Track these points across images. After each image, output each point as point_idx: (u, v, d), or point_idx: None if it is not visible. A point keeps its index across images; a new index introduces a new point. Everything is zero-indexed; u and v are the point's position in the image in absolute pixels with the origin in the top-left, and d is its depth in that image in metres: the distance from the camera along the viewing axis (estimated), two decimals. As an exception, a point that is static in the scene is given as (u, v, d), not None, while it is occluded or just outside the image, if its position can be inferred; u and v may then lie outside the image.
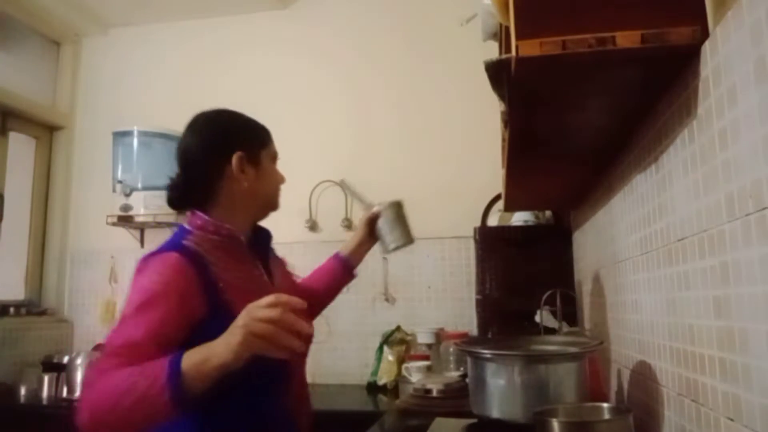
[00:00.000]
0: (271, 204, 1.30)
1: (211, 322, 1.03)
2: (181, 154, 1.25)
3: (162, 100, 3.17)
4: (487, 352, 1.26)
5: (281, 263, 1.40)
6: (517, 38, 0.82)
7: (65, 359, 2.59)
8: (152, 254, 1.12)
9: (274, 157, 1.31)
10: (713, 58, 0.75)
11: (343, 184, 1.61)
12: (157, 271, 1.07)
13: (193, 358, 0.91)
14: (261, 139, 1.28)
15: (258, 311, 0.91)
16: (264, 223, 1.35)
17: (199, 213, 1.21)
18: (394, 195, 2.89)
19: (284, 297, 0.92)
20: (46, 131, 3.24)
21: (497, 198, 2.61)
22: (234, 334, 0.91)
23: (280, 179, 1.31)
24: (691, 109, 0.84)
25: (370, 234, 1.61)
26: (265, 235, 1.33)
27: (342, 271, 1.59)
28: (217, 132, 1.24)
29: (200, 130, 1.24)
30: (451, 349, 2.42)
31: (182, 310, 1.03)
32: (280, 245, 1.48)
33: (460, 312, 2.73)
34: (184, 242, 1.14)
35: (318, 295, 1.52)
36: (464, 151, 2.82)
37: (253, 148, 1.25)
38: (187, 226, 1.20)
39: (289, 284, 1.39)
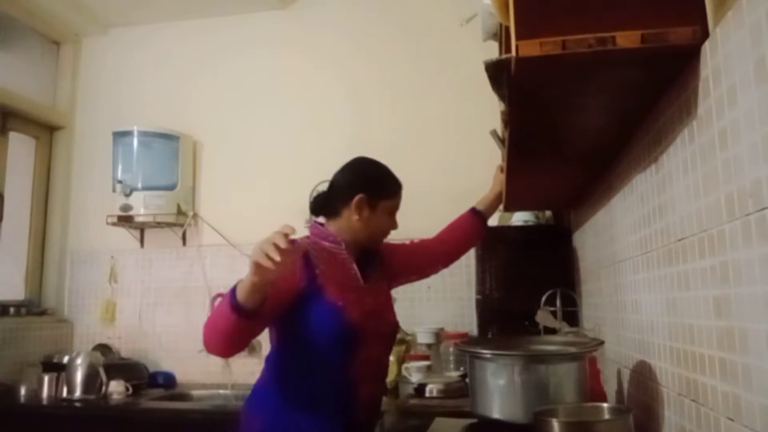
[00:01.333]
0: (372, 241, 1.61)
1: (306, 296, 1.42)
2: (333, 179, 1.63)
3: (162, 100, 3.17)
4: (487, 352, 1.26)
5: (382, 272, 1.68)
6: (517, 38, 0.82)
7: (65, 359, 2.58)
8: None
9: (392, 209, 1.61)
10: (713, 58, 0.75)
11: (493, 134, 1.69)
12: None
13: (240, 284, 1.22)
14: (388, 191, 1.60)
15: (260, 242, 1.16)
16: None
17: (317, 222, 1.60)
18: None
19: (277, 236, 1.15)
20: (46, 131, 3.24)
21: (497, 198, 2.60)
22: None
23: (389, 226, 1.62)
24: (691, 109, 0.84)
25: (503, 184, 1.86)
26: (370, 257, 1.63)
27: (476, 224, 1.93)
28: (358, 173, 1.62)
29: (354, 168, 1.64)
30: (451, 349, 2.42)
31: (288, 282, 1.37)
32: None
33: (460, 312, 2.73)
34: (298, 240, 1.41)
35: (447, 248, 1.90)
36: (464, 151, 2.82)
37: (377, 196, 1.57)
38: (308, 234, 1.59)
39: (383, 289, 1.68)
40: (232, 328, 1.24)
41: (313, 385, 1.45)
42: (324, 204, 1.61)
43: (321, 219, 1.61)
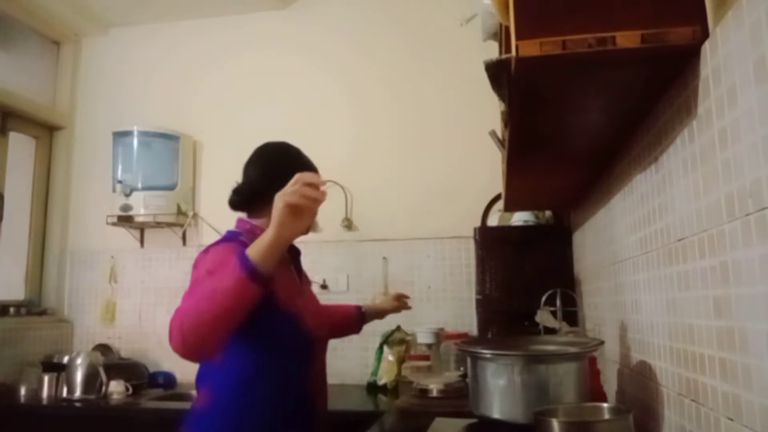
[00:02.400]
0: (300, 234, 1.49)
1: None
2: (245, 170, 1.51)
3: (162, 100, 3.17)
4: (487, 352, 1.26)
5: (305, 274, 1.61)
6: (517, 38, 0.82)
7: (65, 359, 2.59)
8: (212, 245, 1.36)
9: None
10: (713, 58, 0.75)
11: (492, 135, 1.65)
12: (220, 251, 1.30)
13: (252, 247, 1.13)
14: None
15: (285, 189, 1.13)
16: None
17: (247, 219, 1.48)
18: (393, 194, 2.91)
19: (300, 174, 1.13)
20: (46, 131, 3.24)
21: (497, 198, 2.61)
22: (274, 215, 1.13)
23: (314, 214, 1.48)
24: (691, 109, 0.83)
25: (394, 311, 1.93)
26: (295, 251, 1.55)
27: (354, 322, 1.83)
28: (268, 169, 1.48)
29: (260, 160, 1.52)
30: (452, 349, 2.42)
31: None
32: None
33: (460, 312, 2.73)
34: (239, 238, 1.38)
35: (330, 323, 1.70)
36: (464, 151, 2.82)
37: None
38: (235, 229, 1.46)
39: (309, 289, 1.61)
40: (238, 300, 1.09)
41: (270, 405, 1.32)
42: (243, 201, 1.48)
43: (242, 215, 1.51)
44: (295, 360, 1.36)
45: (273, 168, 1.46)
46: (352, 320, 1.81)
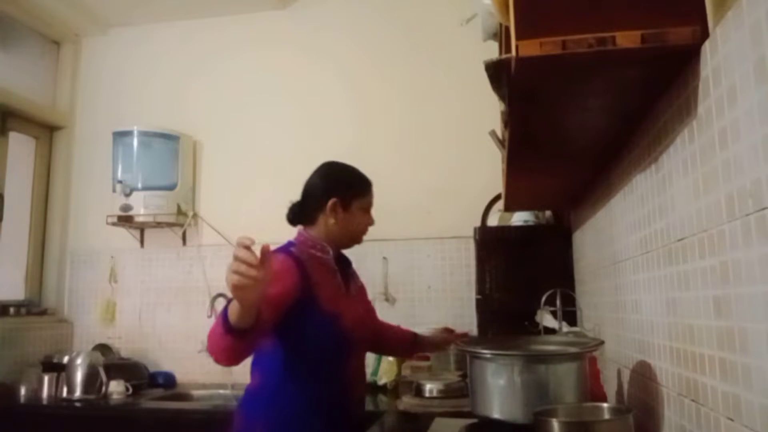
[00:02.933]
0: (353, 240, 1.65)
1: (303, 302, 1.44)
2: (304, 187, 1.65)
3: (162, 100, 3.17)
4: (487, 352, 1.26)
5: (359, 283, 1.74)
6: (517, 38, 0.82)
7: (65, 359, 2.58)
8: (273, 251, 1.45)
9: (366, 206, 1.65)
10: (713, 58, 0.75)
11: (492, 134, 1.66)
12: (276, 260, 1.35)
13: (230, 307, 1.22)
14: (358, 191, 1.64)
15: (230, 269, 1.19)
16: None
17: (303, 230, 1.62)
18: (393, 194, 2.91)
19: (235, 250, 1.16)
20: (46, 131, 3.24)
21: (497, 198, 2.61)
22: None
23: (366, 223, 1.66)
24: (691, 109, 0.84)
25: (444, 344, 1.96)
26: (345, 260, 1.69)
27: (407, 346, 1.91)
28: (328, 178, 1.64)
29: (322, 174, 1.66)
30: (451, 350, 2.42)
31: (286, 290, 1.40)
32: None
33: (460, 312, 2.73)
34: (290, 249, 1.54)
35: (380, 337, 1.82)
36: (464, 151, 2.82)
37: (348, 197, 1.60)
38: (293, 240, 1.61)
39: (363, 296, 1.75)
40: (231, 346, 1.25)
41: (311, 390, 1.48)
42: (300, 212, 1.64)
43: (299, 227, 1.64)
44: (333, 354, 1.50)
45: (324, 180, 1.63)
46: (405, 344, 1.89)
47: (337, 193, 1.60)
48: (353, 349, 1.56)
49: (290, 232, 1.63)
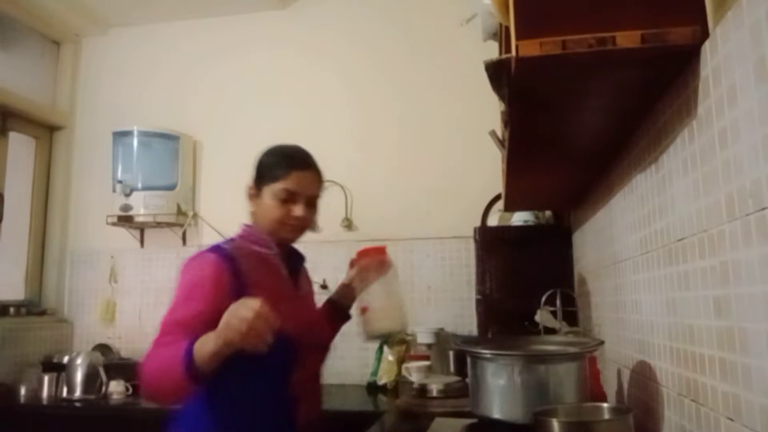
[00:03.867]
0: (272, 233, 1.41)
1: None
2: None
3: (162, 100, 3.17)
4: (487, 352, 1.26)
5: (307, 280, 1.57)
6: (517, 38, 0.82)
7: (65, 359, 2.59)
8: (196, 255, 1.37)
9: (278, 193, 1.38)
10: (713, 58, 0.75)
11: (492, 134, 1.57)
12: (199, 266, 1.32)
13: (199, 344, 1.12)
14: (271, 177, 1.40)
15: (240, 309, 1.09)
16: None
17: (245, 224, 1.46)
18: (394, 194, 2.91)
19: (266, 308, 1.09)
20: (46, 131, 3.24)
21: (497, 198, 2.61)
22: (221, 325, 1.11)
23: (280, 214, 1.38)
24: (691, 109, 0.83)
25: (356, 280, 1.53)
26: (297, 256, 1.52)
27: (329, 317, 1.57)
28: (256, 165, 1.47)
29: (256, 160, 1.48)
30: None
31: (217, 297, 1.24)
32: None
33: (460, 312, 2.73)
34: (222, 245, 1.38)
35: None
36: (464, 151, 2.82)
37: (259, 182, 1.43)
38: (235, 235, 1.45)
39: (312, 301, 1.56)
40: (186, 389, 1.14)
41: (249, 408, 1.30)
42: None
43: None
44: (273, 369, 1.31)
45: (258, 169, 1.46)
46: (328, 317, 1.56)
47: (253, 179, 1.45)
48: (300, 360, 1.35)
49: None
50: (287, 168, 1.40)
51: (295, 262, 1.50)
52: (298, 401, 1.35)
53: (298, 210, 1.38)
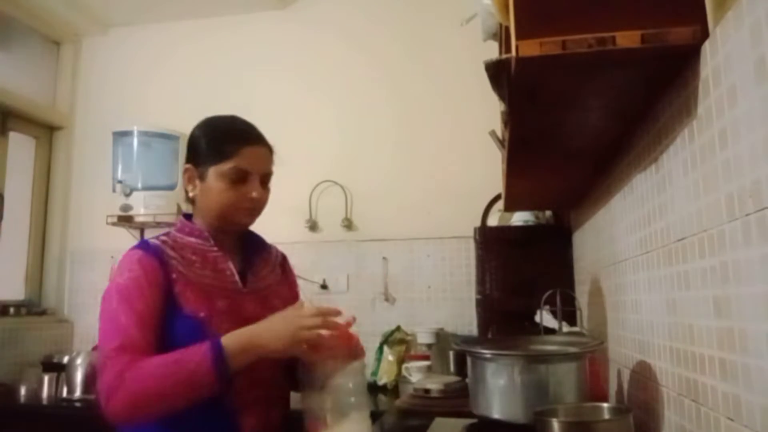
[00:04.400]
0: (223, 218, 1.25)
1: (163, 309, 1.16)
2: None
3: (162, 100, 3.17)
4: (487, 352, 1.26)
5: (278, 274, 1.39)
6: (517, 38, 0.82)
7: (65, 359, 2.59)
8: (123, 256, 1.25)
9: (227, 174, 1.22)
10: (713, 58, 0.75)
11: (492, 134, 1.50)
12: (126, 267, 1.20)
13: (238, 341, 1.06)
14: (217, 154, 1.23)
15: (304, 320, 1.07)
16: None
17: (183, 214, 1.32)
18: (393, 194, 2.91)
19: (324, 308, 1.09)
20: (46, 131, 3.24)
21: (497, 198, 2.61)
22: (284, 329, 1.07)
23: (227, 199, 1.23)
24: (691, 109, 0.83)
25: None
26: (254, 244, 1.36)
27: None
28: (189, 140, 1.32)
29: (189, 137, 1.32)
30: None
31: (153, 295, 1.15)
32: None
33: (460, 312, 2.73)
34: (150, 240, 1.26)
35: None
36: (464, 151, 2.82)
37: (204, 164, 1.25)
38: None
39: (272, 294, 1.32)
40: (197, 395, 1.04)
41: (182, 420, 1.12)
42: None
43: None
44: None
45: (188, 142, 1.32)
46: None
47: (191, 159, 1.27)
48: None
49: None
50: (237, 144, 1.23)
51: (251, 251, 1.33)
52: (240, 412, 1.17)
53: (253, 191, 1.23)
